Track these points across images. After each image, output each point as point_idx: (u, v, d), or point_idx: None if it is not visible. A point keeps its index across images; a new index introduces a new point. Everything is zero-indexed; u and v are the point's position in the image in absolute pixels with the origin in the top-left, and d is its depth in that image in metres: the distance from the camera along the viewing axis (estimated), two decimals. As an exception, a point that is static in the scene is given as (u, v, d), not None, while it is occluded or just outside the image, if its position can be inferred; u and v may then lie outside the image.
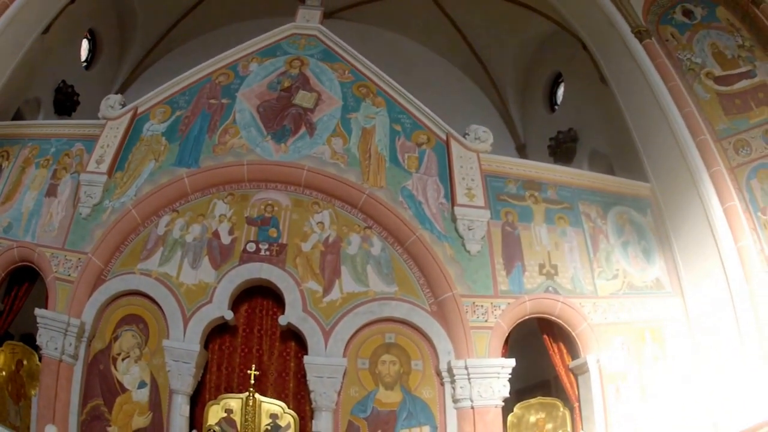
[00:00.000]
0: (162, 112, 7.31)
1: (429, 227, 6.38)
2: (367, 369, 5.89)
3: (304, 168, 6.80)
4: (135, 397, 5.87)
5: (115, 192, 6.81)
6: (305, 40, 8.01)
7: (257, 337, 6.45)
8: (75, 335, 6.03)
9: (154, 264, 6.44)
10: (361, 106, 7.35)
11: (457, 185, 6.72)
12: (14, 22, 8.53)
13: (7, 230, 6.96)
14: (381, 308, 6.03)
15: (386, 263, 6.41)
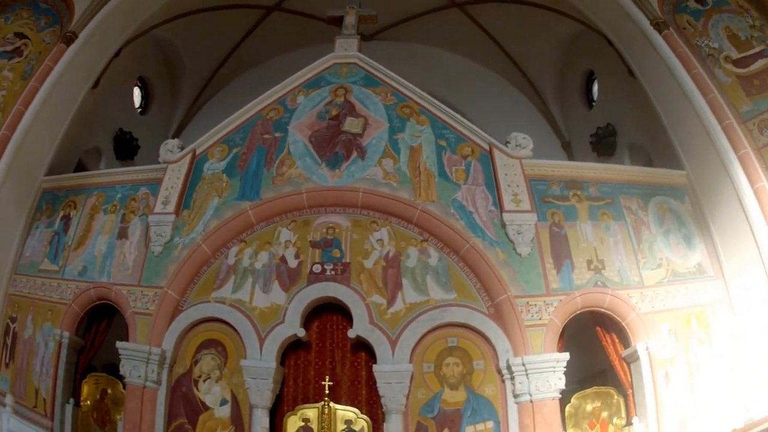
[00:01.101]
0: (220, 151, 9.15)
1: (481, 235, 7.72)
2: (433, 372, 7.21)
3: (360, 190, 8.44)
4: (217, 413, 7.37)
5: (183, 229, 8.28)
6: (346, 68, 9.78)
7: (329, 350, 8.05)
8: (157, 362, 7.72)
9: (228, 292, 8.12)
10: (406, 126, 9.00)
11: (504, 192, 7.96)
12: (61, 82, 10.95)
13: (82, 273, 8.96)
14: (442, 315, 7.36)
15: (444, 272, 7.66)
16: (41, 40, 11.89)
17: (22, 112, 10.50)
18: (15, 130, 10.33)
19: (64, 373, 8.27)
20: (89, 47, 11.44)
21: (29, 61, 11.54)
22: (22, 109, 10.55)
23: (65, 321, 8.51)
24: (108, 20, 11.61)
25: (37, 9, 12.42)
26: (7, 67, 11.51)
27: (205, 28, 14.05)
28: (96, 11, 11.62)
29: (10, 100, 11.01)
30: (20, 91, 11.06)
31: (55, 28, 12.07)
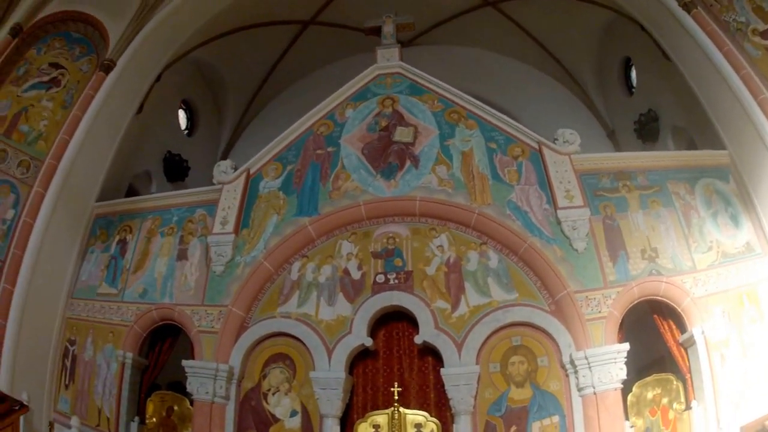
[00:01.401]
0: (274, 169, 9.71)
1: (538, 234, 8.15)
2: (499, 371, 7.66)
3: (416, 199, 8.96)
4: (287, 425, 7.93)
5: (244, 248, 8.83)
6: (390, 78, 10.32)
7: (396, 357, 8.59)
8: (225, 379, 8.32)
9: (293, 306, 8.69)
10: (455, 131, 9.50)
11: (556, 189, 8.51)
12: (104, 110, 11.59)
13: (143, 295, 9.58)
14: (505, 315, 7.82)
15: (504, 273, 8.26)
16: (78, 69, 12.60)
17: (67, 141, 11.18)
18: (61, 159, 11.02)
19: (128, 392, 8.85)
20: (129, 74, 12.11)
21: (68, 91, 12.23)
22: (67, 138, 11.22)
23: (127, 342, 9.12)
24: (145, 46, 12.30)
25: (69, 38, 13.13)
26: (46, 97, 12.19)
27: (243, 47, 14.75)
28: (131, 38, 12.29)
29: (53, 129, 11.71)
30: (62, 120, 11.77)
31: (91, 57, 12.76)
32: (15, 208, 11.06)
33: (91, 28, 12.99)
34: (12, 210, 11.07)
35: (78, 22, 13.11)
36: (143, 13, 12.56)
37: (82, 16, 13.10)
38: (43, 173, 11.07)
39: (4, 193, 11.24)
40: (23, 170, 11.40)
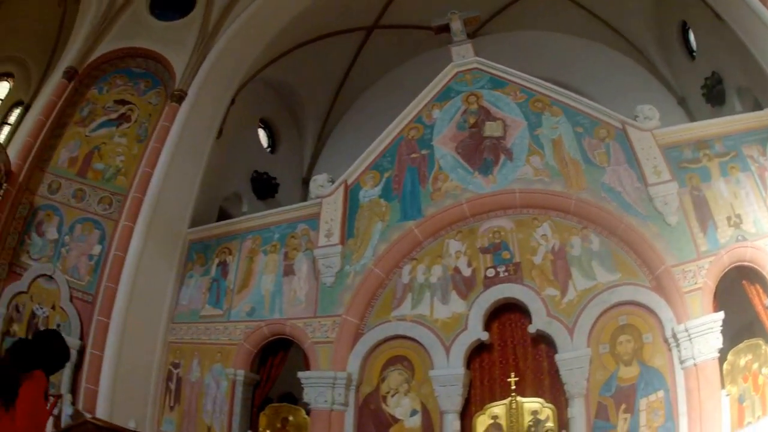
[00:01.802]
0: (371, 177, 10.46)
1: (633, 212, 8.48)
2: (608, 352, 7.94)
3: (516, 191, 9.56)
4: (407, 424, 8.38)
5: (352, 257, 9.52)
6: (470, 75, 11.00)
7: (511, 348, 9.10)
8: (343, 386, 8.67)
9: (407, 309, 9.31)
10: (542, 120, 10.10)
11: (644, 167, 8.73)
12: (183, 139, 12.46)
13: (251, 314, 10.36)
14: (610, 296, 8.16)
15: (606, 255, 8.50)
16: (147, 102, 13.60)
17: (150, 173, 12.05)
18: (146, 192, 11.90)
19: (241, 408, 9.58)
20: (202, 100, 13.04)
21: (140, 125, 13.22)
22: (149, 171, 12.09)
23: (238, 360, 9.90)
24: (213, 72, 13.26)
25: (131, 74, 14.22)
26: (118, 134, 13.19)
27: (312, 61, 15.87)
28: (197, 66, 13.24)
29: (131, 163, 12.65)
30: (139, 154, 12.71)
31: (158, 89, 13.75)
32: (101, 244, 12.02)
33: (152, 62, 14.02)
34: (98, 245, 12.04)
35: (137, 57, 14.23)
36: (204, 41, 13.56)
37: (140, 52, 14.23)
38: (128, 207, 11.97)
39: (88, 230, 12.23)
40: (105, 206, 12.39)
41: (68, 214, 12.60)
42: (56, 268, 11.86)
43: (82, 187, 12.87)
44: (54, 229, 12.46)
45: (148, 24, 14.97)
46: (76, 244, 12.27)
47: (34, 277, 11.77)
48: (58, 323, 11.28)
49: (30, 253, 12.08)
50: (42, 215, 12.54)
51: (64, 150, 13.36)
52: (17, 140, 13.89)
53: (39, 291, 11.69)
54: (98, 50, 14.63)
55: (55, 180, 12.94)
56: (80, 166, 13.11)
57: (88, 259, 12.10)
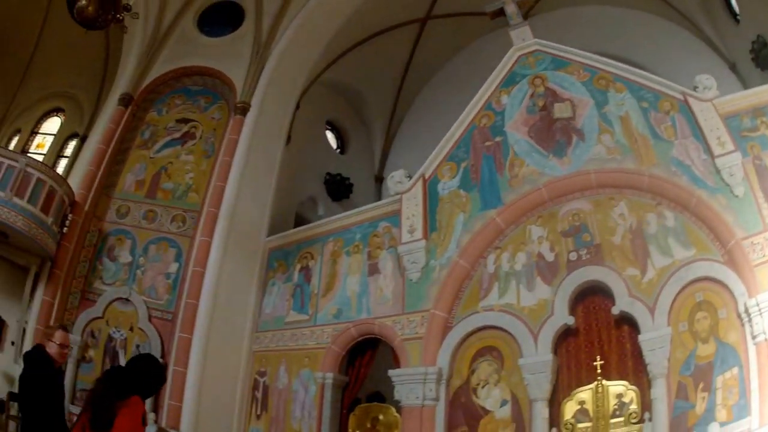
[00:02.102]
0: (448, 169, 10.80)
1: (703, 186, 8.40)
2: (687, 330, 7.84)
3: (591, 172, 9.76)
4: (498, 415, 8.49)
5: (437, 251, 9.76)
6: (532, 57, 11.28)
7: (596, 331, 9.20)
8: (434, 380, 8.87)
9: (494, 299, 9.30)
10: (608, 97, 10.27)
11: (709, 138, 8.63)
12: (253, 150, 13.08)
13: (337, 316, 10.69)
14: (687, 273, 8.07)
15: (681, 231, 8.43)
16: (210, 118, 14.33)
17: (222, 187, 12.71)
18: (221, 206, 12.53)
19: (330, 411, 10.04)
20: (266, 110, 13.71)
21: (206, 141, 13.93)
22: (221, 185, 12.74)
23: (326, 363, 10.38)
24: (273, 81, 13.89)
25: (189, 93, 14.95)
26: (184, 152, 13.89)
27: (371, 59, 16.62)
28: (256, 77, 13.88)
29: (201, 179, 13.33)
30: (208, 169, 13.40)
31: (220, 104, 14.46)
32: (178, 261, 12.73)
33: (209, 78, 14.70)
34: (175, 263, 12.75)
35: (193, 75, 14.95)
36: (259, 52, 14.24)
37: (195, 70, 14.96)
38: (204, 222, 12.65)
39: (162, 249, 12.92)
40: (179, 224, 13.09)
41: (140, 236, 13.30)
42: (132, 290, 12.32)
43: (152, 208, 13.61)
44: (127, 252, 13.13)
45: (199, 42, 15.76)
46: (152, 264, 12.96)
47: (109, 302, 12.12)
48: (137, 344, 11.98)
49: (103, 279, 12.44)
50: (113, 240, 13.20)
51: (129, 174, 14.13)
52: (78, 171, 14.67)
53: (115, 314, 12.32)
54: (151, 74, 15.41)
55: (123, 204, 13.69)
56: (148, 187, 13.89)
57: (165, 278, 12.81)
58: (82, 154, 15.88)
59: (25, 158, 12.51)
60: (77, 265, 12.71)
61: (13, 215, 11.29)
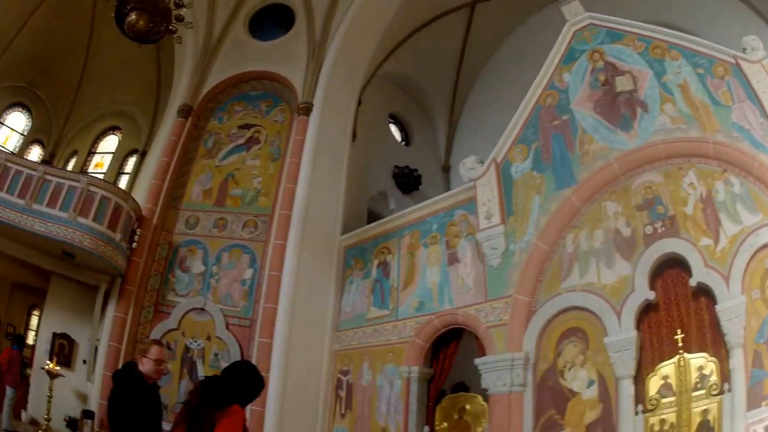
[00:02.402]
0: (519, 151, 10.97)
1: (763, 149, 8.33)
2: (759, 297, 7.74)
3: (659, 143, 9.97)
4: (585, 396, 8.55)
5: (515, 235, 9.93)
6: (587, 32, 11.55)
7: (675, 304, 9.33)
8: (521, 366, 9.02)
9: (575, 279, 9.27)
10: (665, 66, 10.49)
11: (763, 100, 9.10)
12: (321, 149, 13.77)
13: (419, 308, 10.98)
14: (756, 239, 8.01)
15: (747, 196, 8.82)
16: (273, 121, 15.05)
17: (293, 189, 13.37)
18: (293, 207, 13.18)
19: (416, 404, 10.36)
20: (329, 108, 14.39)
21: (271, 144, 14.67)
22: (292, 186, 13.41)
23: (411, 356, 10.73)
24: (333, 78, 14.64)
25: (248, 98, 15.64)
26: (249, 157, 14.60)
27: (425, 47, 17.31)
28: (316, 76, 14.56)
29: (270, 183, 14.00)
30: (276, 172, 14.11)
31: (281, 107, 15.15)
32: (253, 266, 13.41)
33: (267, 81, 15.39)
34: (250, 269, 13.42)
35: (250, 81, 15.68)
36: (315, 51, 14.89)
37: (252, 75, 15.71)
38: (277, 225, 13.31)
39: (236, 256, 13.61)
40: (251, 230, 13.79)
41: (212, 245, 14.02)
42: (207, 300, 12.90)
43: (222, 215, 14.37)
44: (199, 262, 13.84)
45: (252, 47, 16.49)
46: (226, 272, 13.62)
47: (184, 313, 12.79)
48: (216, 352, 12.62)
49: (176, 290, 13.13)
50: (184, 251, 13.70)
51: (195, 184, 14.92)
52: (142, 185, 15.58)
53: (191, 325, 12.78)
54: (208, 83, 16.18)
55: (192, 215, 14.45)
56: (216, 196, 14.65)
57: (240, 285, 13.49)
58: (145, 168, 16.97)
59: (86, 177, 12.95)
60: (149, 279, 13.12)
61: (79, 235, 12.02)
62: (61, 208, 12.12)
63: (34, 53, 20.54)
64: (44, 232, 11.84)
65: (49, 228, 11.89)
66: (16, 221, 11.91)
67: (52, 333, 13.54)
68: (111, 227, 12.43)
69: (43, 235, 11.85)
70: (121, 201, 12.86)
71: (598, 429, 8.33)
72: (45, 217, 12.01)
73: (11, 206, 11.98)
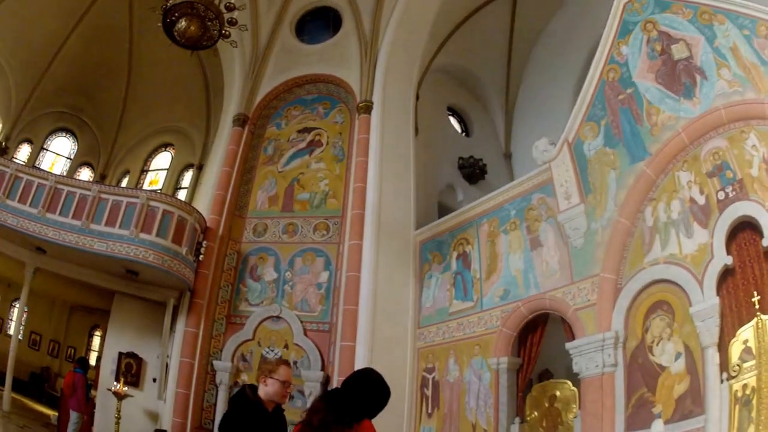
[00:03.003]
0: (589, 129, 11.02)
1: None
2: None
3: (720, 108, 10.36)
4: (673, 370, 8.64)
5: (595, 213, 10.21)
6: (636, 3, 12.04)
7: (749, 267, 9.58)
8: (612, 346, 9.24)
9: (658, 252, 9.40)
10: (714, 30, 10.90)
11: None
12: (387, 146, 14.63)
13: (505, 297, 11.30)
14: None
15: None
16: (333, 123, 15.96)
17: (363, 188, 14.12)
18: (365, 206, 13.87)
19: (507, 396, 10.65)
20: (389, 105, 15.20)
21: (334, 145, 15.54)
22: (362, 185, 14.17)
23: (499, 347, 11.07)
24: (389, 76, 15.47)
25: (304, 102, 16.50)
26: (313, 161, 15.49)
27: (474, 37, 18.40)
28: (371, 74, 15.43)
29: (337, 184, 14.83)
30: (343, 173, 14.94)
31: (339, 108, 16.00)
32: (328, 269, 14.18)
33: (321, 84, 16.32)
34: (325, 272, 14.20)
35: (304, 85, 16.66)
36: (368, 51, 15.83)
37: (306, 79, 16.71)
38: (351, 225, 13.98)
39: (309, 260, 14.41)
40: (322, 233, 14.62)
41: (283, 251, 14.54)
42: (283, 307, 13.58)
43: (292, 221, 15.15)
44: (271, 269, 14.28)
45: (301, 51, 17.45)
46: (300, 277, 14.08)
47: (259, 322, 13.46)
48: (294, 360, 12.78)
49: (249, 300, 13.88)
50: (254, 260, 14.38)
51: (260, 192, 15.70)
52: (204, 197, 16.37)
53: (266, 334, 13.44)
54: (261, 90, 17.11)
55: (260, 222, 15.01)
56: (283, 201, 15.45)
57: (316, 289, 14.25)
58: (205, 180, 17.79)
59: (145, 192, 13.64)
60: (219, 290, 13.88)
61: (143, 251, 12.56)
62: (121, 226, 12.73)
63: (73, 78, 21.88)
64: (105, 251, 12.37)
65: (110, 246, 12.42)
66: (73, 242, 12.44)
67: (118, 353, 14.28)
68: (176, 241, 12.96)
69: (105, 254, 12.39)
70: (185, 214, 13.45)
71: (686, 401, 8.49)
72: (105, 237, 12.58)
73: (67, 228, 12.58)
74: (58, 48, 20.97)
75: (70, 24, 20.66)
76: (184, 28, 10.43)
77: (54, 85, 21.95)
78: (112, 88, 22.95)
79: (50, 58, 21.06)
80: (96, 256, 12.40)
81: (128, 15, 21.13)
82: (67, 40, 20.86)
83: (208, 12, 10.48)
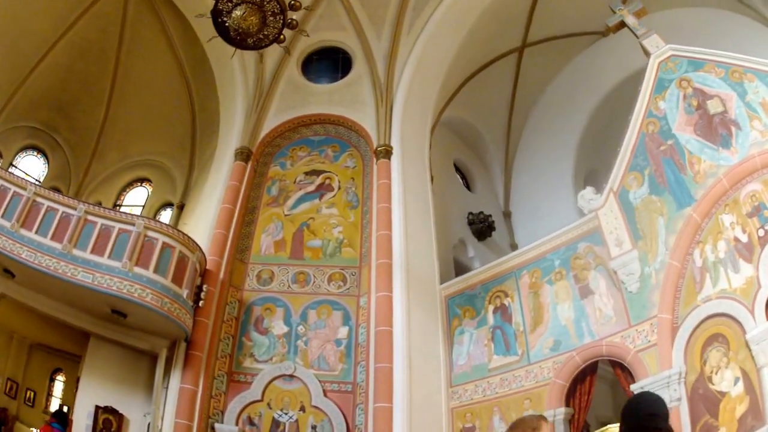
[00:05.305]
0: (634, 179, 12.95)
1: None
2: None
3: (755, 156, 11.71)
4: (734, 393, 9.73)
5: (648, 257, 11.85)
6: (670, 62, 13.73)
7: None
8: (676, 382, 10.47)
9: (709, 289, 10.97)
10: (745, 88, 12.39)
11: None
12: (409, 191, 15.87)
13: (555, 348, 12.53)
14: None
15: None
16: (344, 167, 16.90)
17: (389, 236, 15.06)
18: (392, 256, 14.80)
19: None
20: (407, 152, 16.69)
21: (347, 191, 16.42)
22: (386, 233, 15.09)
23: (552, 399, 12.18)
24: (406, 122, 17.17)
25: (311, 143, 17.48)
26: (324, 206, 16.20)
27: (478, 94, 20.72)
28: (388, 119, 16.88)
29: (353, 232, 15.59)
30: (357, 221, 15.75)
31: (350, 152, 17.11)
32: (347, 324, 14.24)
33: (330, 126, 17.53)
34: (344, 327, 14.24)
35: (312, 125, 17.78)
36: (384, 95, 17.34)
37: (314, 119, 17.91)
38: (377, 275, 14.39)
39: (325, 313, 14.51)
40: (338, 284, 14.98)
41: (294, 303, 14.58)
42: (297, 365, 13.46)
43: (302, 269, 15.15)
44: (280, 322, 14.22)
45: (309, 90, 18.49)
46: (315, 332, 14.16)
47: (269, 381, 13.18)
48: (313, 425, 12.78)
49: (255, 356, 13.61)
50: (259, 310, 14.21)
51: (263, 235, 15.69)
52: (199, 236, 14.79)
53: (278, 395, 13.15)
54: (265, 127, 17.90)
55: (265, 269, 15.07)
56: (292, 248, 15.48)
57: (335, 345, 14.03)
58: (195, 219, 17.60)
59: (142, 220, 12.81)
60: (218, 343, 13.38)
61: (138, 289, 11.68)
62: (111, 256, 11.89)
63: (51, 93, 22.40)
64: (91, 283, 11.40)
65: (96, 279, 11.48)
66: (51, 268, 11.30)
67: (95, 406, 12.75)
68: (176, 281, 12.21)
69: (90, 287, 11.40)
70: (187, 250, 12.80)
71: (747, 418, 9.59)
72: (91, 266, 11.61)
73: (45, 249, 11.49)
74: (43, 55, 21.56)
75: (59, 29, 21.24)
76: (242, 18, 9.82)
77: (31, 97, 22.38)
78: (91, 109, 23.65)
79: (33, 66, 21.60)
80: (77, 289, 11.39)
81: (119, 30, 21.32)
82: (54, 46, 21.50)
83: (272, 3, 10.00)
